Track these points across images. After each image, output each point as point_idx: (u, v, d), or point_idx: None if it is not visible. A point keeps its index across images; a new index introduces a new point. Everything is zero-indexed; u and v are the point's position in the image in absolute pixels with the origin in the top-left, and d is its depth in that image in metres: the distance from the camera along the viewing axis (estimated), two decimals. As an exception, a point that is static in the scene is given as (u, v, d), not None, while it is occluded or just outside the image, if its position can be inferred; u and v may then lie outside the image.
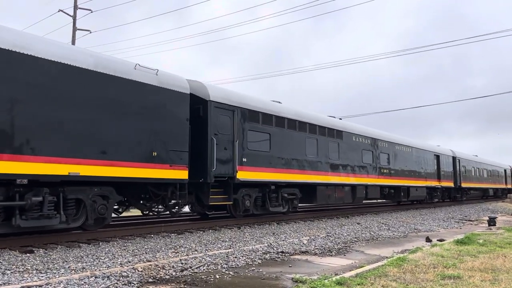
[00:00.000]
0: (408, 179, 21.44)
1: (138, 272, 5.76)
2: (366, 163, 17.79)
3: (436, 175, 25.22)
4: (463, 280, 5.39)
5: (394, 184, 20.06)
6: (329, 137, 15.56)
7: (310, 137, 14.52)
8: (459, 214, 19.53)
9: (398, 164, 20.67)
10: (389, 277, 5.53)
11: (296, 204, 14.22)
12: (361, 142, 17.73)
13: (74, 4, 25.44)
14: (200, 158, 10.60)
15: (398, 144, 21.09)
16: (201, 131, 10.72)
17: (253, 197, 12.36)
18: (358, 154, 17.27)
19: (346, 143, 16.57)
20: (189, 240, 8.90)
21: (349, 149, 16.66)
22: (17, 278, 5.28)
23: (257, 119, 12.42)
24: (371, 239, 10.26)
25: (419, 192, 22.64)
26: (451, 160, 28.08)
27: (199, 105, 10.83)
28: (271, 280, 5.70)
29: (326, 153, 15.25)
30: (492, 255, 7.33)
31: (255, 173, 12.11)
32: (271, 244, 8.65)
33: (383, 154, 19.39)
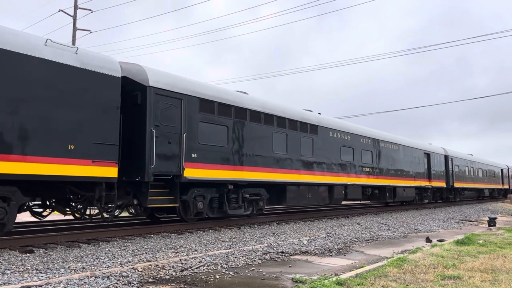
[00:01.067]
0: (394, 179, 20.12)
1: (138, 272, 5.76)
2: (345, 161, 16.36)
3: (426, 175, 23.93)
4: (463, 281, 5.39)
5: (379, 184, 18.72)
6: (302, 132, 14.13)
7: (278, 131, 13.10)
8: (459, 215, 19.53)
9: (383, 163, 19.31)
10: (389, 278, 5.53)
11: (262, 205, 12.67)
12: (340, 138, 16.29)
13: (75, 4, 25.46)
14: (137, 153, 9.28)
15: (383, 141, 19.66)
16: (138, 121, 9.34)
17: (208, 198, 10.89)
18: (336, 151, 15.89)
19: (322, 139, 15.15)
20: (189, 240, 8.90)
21: (325, 146, 15.28)
22: (17, 278, 5.28)
23: (211, 110, 10.92)
24: (371, 240, 10.26)
25: (407, 193, 21.36)
26: (443, 159, 26.74)
27: (137, 91, 9.42)
28: (271, 280, 5.70)
29: (298, 149, 13.86)
30: (492, 256, 7.33)
31: (209, 171, 10.65)
32: (271, 244, 8.65)
33: (366, 151, 18.00)
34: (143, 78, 9.53)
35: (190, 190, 10.39)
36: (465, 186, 30.36)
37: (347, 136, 16.75)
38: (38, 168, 7.36)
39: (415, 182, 22.30)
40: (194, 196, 10.50)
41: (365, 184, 17.62)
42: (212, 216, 11.19)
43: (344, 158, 16.31)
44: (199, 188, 10.64)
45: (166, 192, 9.87)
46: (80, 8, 25.64)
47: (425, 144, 25.42)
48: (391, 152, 20.28)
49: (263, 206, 12.75)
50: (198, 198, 10.61)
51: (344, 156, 16.34)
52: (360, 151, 17.51)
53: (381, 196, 19.33)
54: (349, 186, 16.48)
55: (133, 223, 11.39)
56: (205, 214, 10.86)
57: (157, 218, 11.68)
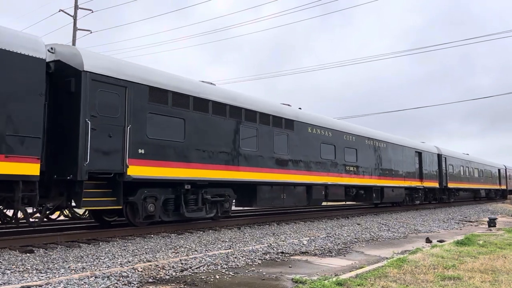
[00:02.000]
0: (382, 179, 18.89)
1: (138, 272, 5.77)
2: (326, 159, 15.15)
3: (417, 175, 22.74)
4: (463, 281, 5.39)
5: (364, 184, 17.52)
6: (275, 127, 12.98)
7: (247, 126, 11.90)
8: (459, 215, 19.53)
9: (369, 161, 18.04)
10: (389, 278, 5.53)
11: (228, 207, 11.59)
12: (320, 134, 15.07)
13: (75, 4, 25.47)
14: (69, 147, 8.12)
15: (368, 139, 18.34)
16: (72, 111, 8.19)
17: (161, 199, 9.72)
18: (315, 149, 14.69)
19: (299, 135, 13.96)
20: (189, 240, 8.90)
21: (303, 142, 14.10)
22: (17, 277, 5.29)
23: (164, 100, 9.70)
24: (371, 240, 10.26)
25: (396, 193, 20.21)
26: (436, 158, 25.43)
27: (70, 77, 8.28)
28: (271, 280, 5.70)
29: (270, 146, 12.72)
30: (492, 256, 7.33)
31: (160, 169, 9.45)
32: (271, 245, 8.65)
33: (350, 149, 16.76)
34: (77, 63, 8.35)
35: (139, 190, 9.21)
36: (460, 186, 29.20)
37: (328, 133, 15.57)
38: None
39: (405, 182, 21.19)
40: (143, 197, 9.28)
41: (348, 184, 16.46)
42: (167, 219, 10.08)
43: (324, 156, 15.15)
44: (151, 188, 9.47)
45: (109, 192, 8.67)
46: (80, 8, 25.66)
47: (416, 142, 24.20)
48: (378, 150, 19.06)
49: (229, 207, 11.62)
50: (148, 200, 9.39)
51: (324, 154, 15.17)
52: (343, 149, 16.32)
53: (368, 197, 18.23)
54: (330, 186, 15.37)
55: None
56: (158, 217, 9.71)
57: (107, 222, 10.51)
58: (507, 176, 43.63)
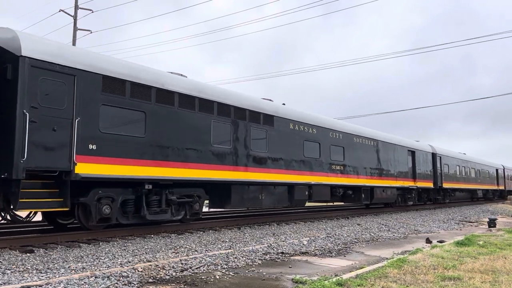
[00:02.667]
0: (372, 178, 18.06)
1: (138, 272, 5.77)
2: (309, 157, 14.30)
3: (410, 174, 21.85)
4: (463, 282, 5.39)
5: (352, 183, 16.66)
6: (252, 122, 12.09)
7: (219, 120, 11.01)
8: (459, 216, 19.53)
9: (357, 160, 17.21)
10: (389, 278, 5.53)
11: (198, 209, 10.71)
12: (303, 131, 14.20)
13: (75, 4, 25.48)
14: (4, 142, 7.32)
15: (357, 136, 17.46)
16: (7, 101, 7.37)
17: (119, 201, 8.89)
18: (298, 146, 13.84)
19: (280, 131, 13.11)
20: (189, 241, 8.90)
21: (284, 139, 13.27)
22: (17, 277, 5.29)
23: (121, 91, 8.78)
24: (371, 240, 10.26)
25: (387, 194, 19.36)
26: (430, 157, 24.51)
27: (7, 63, 7.44)
28: (271, 280, 5.70)
29: (247, 143, 11.82)
30: (492, 257, 7.33)
31: (116, 167, 8.51)
32: (271, 245, 8.65)
33: (336, 147, 15.89)
34: (15, 47, 7.46)
35: (92, 190, 8.43)
36: (456, 186, 28.24)
37: (312, 129, 14.65)
38: None
39: (397, 182, 20.32)
40: (97, 198, 8.49)
41: (334, 184, 15.60)
42: (126, 222, 9.28)
43: (308, 154, 14.27)
44: (106, 188, 8.67)
45: (55, 193, 7.81)
46: (80, 8, 25.67)
47: (409, 140, 23.24)
48: (368, 149, 18.18)
49: (199, 209, 10.75)
50: (103, 201, 8.59)
51: (308, 151, 14.30)
52: (329, 147, 15.46)
53: (356, 197, 17.38)
54: (314, 186, 14.49)
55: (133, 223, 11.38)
56: (114, 220, 8.92)
57: (62, 225, 9.71)
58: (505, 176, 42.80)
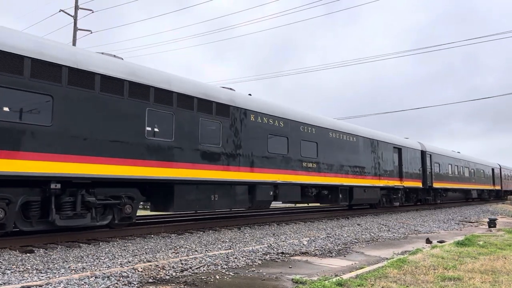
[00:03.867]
0: (350, 177, 16.60)
1: (138, 273, 5.77)
2: (275, 153, 12.90)
3: (396, 173, 20.34)
4: (463, 282, 5.39)
5: (327, 183, 15.20)
6: (202, 112, 10.59)
7: (158, 109, 9.51)
8: (459, 216, 19.53)
9: (333, 157, 15.69)
10: (389, 279, 5.53)
11: (130, 212, 9.19)
12: (268, 124, 12.77)
13: (75, 4, 25.49)
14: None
15: (334, 131, 16.00)
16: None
17: (18, 203, 7.50)
18: (260, 141, 12.39)
19: (238, 123, 11.68)
20: (189, 241, 8.91)
21: (242, 133, 11.79)
22: (17, 277, 5.29)
23: (16, 68, 7.29)
24: (371, 240, 10.26)
25: (369, 194, 17.90)
26: (419, 155, 23.06)
27: None
28: (271, 281, 5.70)
29: (195, 136, 10.36)
30: (492, 257, 7.33)
31: (9, 162, 7.10)
32: (271, 245, 8.65)
33: (308, 142, 14.43)
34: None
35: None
36: (448, 186, 26.55)
37: (278, 122, 13.20)
38: None
39: (381, 182, 18.80)
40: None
41: (306, 183, 14.18)
42: (28, 229, 7.94)
43: (273, 150, 12.84)
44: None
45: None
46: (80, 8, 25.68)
47: (395, 137, 21.71)
48: (347, 145, 16.69)
49: (131, 213, 9.24)
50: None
51: (273, 147, 12.86)
52: (299, 142, 14.02)
53: (333, 198, 15.92)
54: (281, 186, 13.09)
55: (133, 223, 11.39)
56: (11, 227, 7.47)
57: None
58: (501, 176, 41.04)
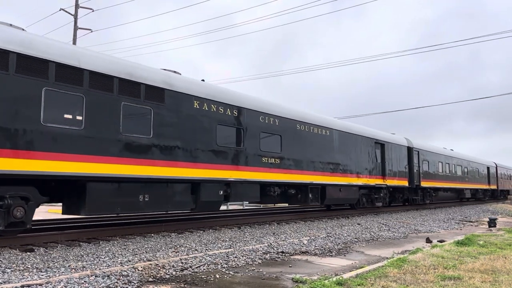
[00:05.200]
0: (323, 174, 14.89)
1: (138, 272, 5.77)
2: (226, 146, 11.09)
3: (379, 171, 18.70)
4: (463, 281, 5.39)
5: (294, 181, 13.49)
6: (125, 96, 8.84)
7: (60, 89, 7.81)
8: (459, 215, 19.53)
9: (302, 152, 13.97)
10: (389, 278, 5.53)
11: (22, 216, 7.25)
12: (216, 112, 10.93)
13: (76, 3, 25.48)
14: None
15: (302, 123, 14.19)
16: None
17: None
18: (206, 132, 10.57)
19: (176, 111, 9.86)
20: (189, 240, 8.91)
21: (182, 122, 9.98)
22: (17, 276, 5.29)
23: None
24: (371, 240, 10.26)
25: (345, 193, 16.25)
26: (405, 151, 21.47)
27: None
28: (271, 280, 5.70)
29: (115, 124, 8.62)
30: (493, 257, 7.33)
31: None
32: (271, 244, 8.65)
33: (270, 135, 12.74)
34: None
35: None
36: (438, 185, 24.87)
37: (230, 111, 11.38)
38: None
39: (360, 180, 17.18)
40: None
41: (267, 180, 12.45)
42: None
43: (223, 143, 11.04)
44: None
45: None
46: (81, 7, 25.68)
47: (378, 131, 19.87)
48: (319, 139, 14.95)
49: (23, 216, 7.31)
50: None
51: (223, 139, 11.07)
52: (258, 134, 12.27)
53: (302, 198, 14.25)
54: (234, 184, 11.35)
55: (133, 222, 11.40)
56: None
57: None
58: (497, 175, 39.03)
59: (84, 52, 8.66)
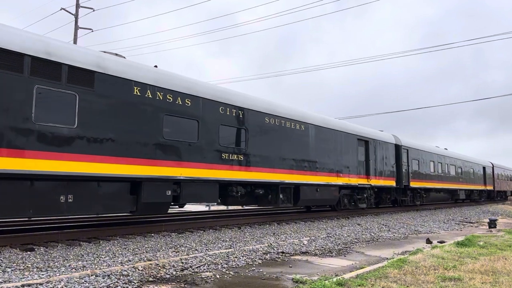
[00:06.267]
0: (296, 173, 13.61)
1: (138, 271, 5.77)
2: (175, 140, 9.78)
3: (362, 170, 17.48)
4: (464, 282, 5.38)
5: (262, 179, 12.17)
6: (40, 78, 7.58)
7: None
8: (459, 216, 19.52)
9: (270, 148, 12.59)
10: (390, 279, 5.53)
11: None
12: (164, 101, 9.59)
13: (76, 3, 25.50)
14: None
15: (271, 116, 12.83)
16: None
17: None
18: (150, 123, 9.25)
19: (108, 97, 8.59)
20: (190, 240, 8.91)
21: (117, 111, 8.73)
22: (17, 276, 5.29)
23: None
24: (371, 240, 10.26)
25: (323, 193, 14.96)
26: (393, 149, 20.28)
27: None
28: (272, 280, 5.70)
29: (25, 110, 7.34)
30: (493, 258, 7.33)
31: None
32: (271, 244, 8.66)
33: (232, 128, 11.41)
34: None
35: None
36: (429, 186, 23.66)
37: (182, 100, 10.03)
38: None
39: (340, 179, 15.82)
40: None
41: (228, 179, 11.09)
42: None
43: (172, 136, 9.74)
44: None
45: None
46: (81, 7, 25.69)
47: (360, 127, 18.52)
48: (291, 134, 13.61)
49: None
50: None
51: (172, 131, 9.78)
52: (217, 128, 10.89)
53: (273, 198, 12.96)
54: (186, 183, 10.03)
55: (133, 222, 11.40)
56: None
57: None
58: (494, 175, 37.50)
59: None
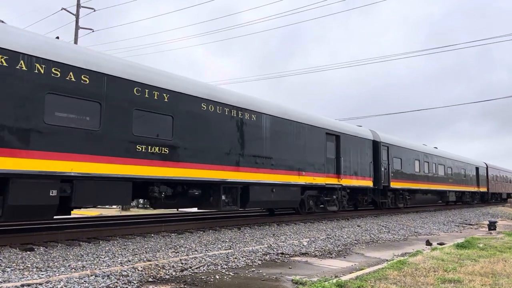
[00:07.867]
0: (243, 170, 11.54)
1: (138, 272, 5.77)
2: (64, 126, 7.74)
3: (332, 168, 15.41)
4: (463, 284, 5.38)
5: (195, 178, 10.11)
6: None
7: None
8: (459, 218, 19.51)
9: (209, 140, 10.56)
10: (389, 280, 5.53)
11: None
12: (44, 74, 7.48)
13: (77, 3, 25.51)
14: None
15: (209, 101, 10.68)
16: None
17: None
18: (23, 103, 7.18)
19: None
20: (189, 240, 8.91)
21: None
22: (17, 275, 5.29)
23: None
24: (371, 242, 10.25)
25: (280, 194, 12.91)
26: (370, 146, 18.08)
27: None
28: (271, 281, 5.70)
29: None
30: (493, 260, 7.32)
31: None
32: (271, 245, 8.65)
33: (152, 114, 9.30)
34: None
35: None
36: (413, 187, 21.59)
37: (76, 76, 7.98)
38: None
39: (303, 178, 13.79)
40: None
41: (146, 177, 9.08)
42: None
43: (59, 121, 7.72)
44: None
45: None
46: (82, 7, 25.70)
47: (330, 120, 16.28)
48: (238, 125, 11.58)
49: None
50: None
51: (60, 115, 7.76)
52: (130, 113, 8.88)
53: (214, 200, 10.94)
54: (80, 181, 8.01)
55: (133, 222, 11.40)
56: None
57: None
58: (488, 176, 35.49)
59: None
